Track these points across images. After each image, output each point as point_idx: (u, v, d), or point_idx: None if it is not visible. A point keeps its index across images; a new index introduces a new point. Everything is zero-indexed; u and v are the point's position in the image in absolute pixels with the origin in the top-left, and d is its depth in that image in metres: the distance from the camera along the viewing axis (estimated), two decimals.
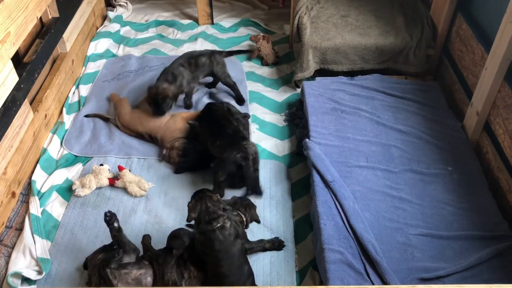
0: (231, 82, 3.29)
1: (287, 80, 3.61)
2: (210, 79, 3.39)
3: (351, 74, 3.33)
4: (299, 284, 2.25)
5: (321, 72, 3.42)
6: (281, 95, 3.46)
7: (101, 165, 2.74)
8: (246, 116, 2.94)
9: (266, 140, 3.02)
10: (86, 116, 3.16)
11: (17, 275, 2.23)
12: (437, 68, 3.43)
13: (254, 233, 2.45)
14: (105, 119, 3.14)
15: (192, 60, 3.17)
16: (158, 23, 4.37)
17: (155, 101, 2.97)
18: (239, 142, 2.55)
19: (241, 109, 3.12)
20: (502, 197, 2.41)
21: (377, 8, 3.65)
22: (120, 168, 2.72)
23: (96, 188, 2.68)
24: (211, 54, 3.26)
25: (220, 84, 3.38)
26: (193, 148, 2.81)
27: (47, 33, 3.00)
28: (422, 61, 3.33)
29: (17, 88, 2.52)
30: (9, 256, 2.32)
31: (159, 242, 2.40)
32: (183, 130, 2.93)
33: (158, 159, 2.87)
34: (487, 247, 2.14)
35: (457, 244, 2.19)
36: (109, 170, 2.74)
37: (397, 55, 3.31)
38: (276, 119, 3.24)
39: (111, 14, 4.35)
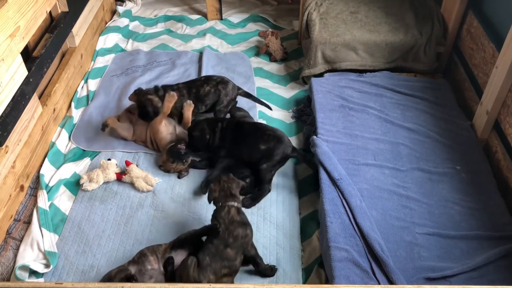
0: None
1: (295, 76, 3.60)
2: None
3: (360, 71, 3.30)
4: (304, 281, 2.25)
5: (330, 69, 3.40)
6: (289, 92, 3.45)
7: (109, 159, 2.75)
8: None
9: None
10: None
11: (24, 268, 2.25)
12: (447, 66, 3.40)
13: (260, 229, 2.45)
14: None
15: (193, 89, 2.97)
16: (167, 18, 4.38)
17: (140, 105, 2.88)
18: (283, 140, 2.65)
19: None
20: (511, 197, 2.39)
21: (387, 4, 3.62)
22: (127, 163, 2.73)
23: (104, 182, 2.69)
24: (219, 82, 2.99)
25: None
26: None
27: (56, 28, 3.01)
28: (432, 58, 3.30)
29: (26, 82, 2.53)
30: (17, 249, 2.34)
31: (163, 237, 2.41)
32: (173, 133, 2.87)
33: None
34: (495, 247, 2.12)
35: (465, 244, 2.17)
36: (116, 165, 2.75)
37: (407, 52, 3.29)
38: (284, 115, 3.23)
39: (120, 9, 4.37)
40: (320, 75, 3.32)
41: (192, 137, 2.75)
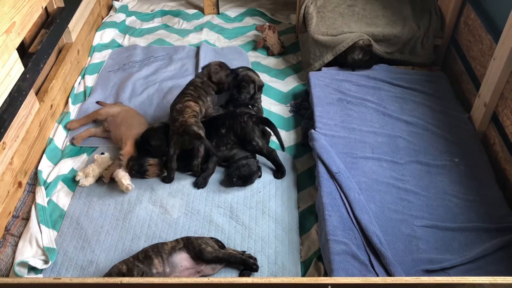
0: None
1: (293, 70, 3.59)
2: None
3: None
4: (303, 275, 2.26)
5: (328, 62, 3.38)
6: (286, 86, 3.44)
7: (102, 153, 2.75)
8: None
9: None
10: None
11: (23, 264, 2.24)
12: (444, 58, 3.39)
13: (259, 222, 2.45)
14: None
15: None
16: (163, 13, 4.36)
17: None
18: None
19: None
20: (509, 189, 2.39)
21: None
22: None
23: (100, 176, 2.69)
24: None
25: None
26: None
27: (52, 23, 2.99)
28: (429, 51, 3.29)
29: (22, 78, 2.52)
30: (16, 245, 2.34)
31: (162, 232, 2.41)
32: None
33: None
34: (493, 239, 2.13)
35: (463, 236, 2.18)
36: (110, 158, 2.74)
37: (404, 45, 3.28)
38: (282, 109, 3.23)
39: (117, 4, 4.35)
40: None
41: (151, 146, 2.69)
